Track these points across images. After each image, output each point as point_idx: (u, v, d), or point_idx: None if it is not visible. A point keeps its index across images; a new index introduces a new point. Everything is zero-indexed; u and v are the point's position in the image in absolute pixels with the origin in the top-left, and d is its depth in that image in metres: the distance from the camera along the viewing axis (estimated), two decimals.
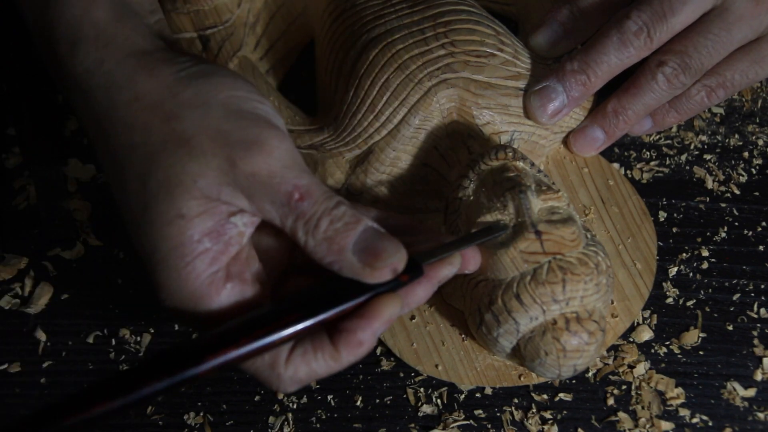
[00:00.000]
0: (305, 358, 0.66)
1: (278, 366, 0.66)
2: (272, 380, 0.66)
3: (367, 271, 0.65)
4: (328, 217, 0.65)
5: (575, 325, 0.73)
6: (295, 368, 0.66)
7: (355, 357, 0.66)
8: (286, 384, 0.66)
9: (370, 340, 0.66)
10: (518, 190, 0.75)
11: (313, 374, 0.66)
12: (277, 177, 0.65)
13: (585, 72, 0.82)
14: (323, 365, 0.66)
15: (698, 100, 0.85)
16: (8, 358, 0.85)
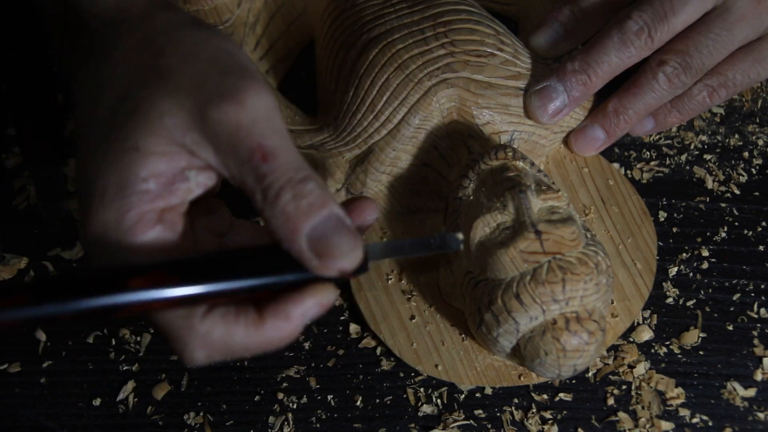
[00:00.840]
0: (225, 318, 0.61)
1: (194, 317, 0.61)
2: (182, 335, 0.61)
3: (314, 263, 0.60)
4: (292, 190, 0.60)
5: (575, 324, 0.73)
6: (211, 325, 0.61)
7: (279, 334, 0.61)
8: (195, 343, 0.61)
9: (297, 319, 0.61)
10: (518, 190, 0.75)
11: (228, 341, 0.61)
12: (243, 130, 0.60)
13: (586, 72, 0.82)
14: (242, 332, 0.61)
15: (700, 100, 0.85)
16: (8, 358, 0.85)
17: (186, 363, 0.62)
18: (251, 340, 0.61)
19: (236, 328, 0.61)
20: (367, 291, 0.84)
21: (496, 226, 0.75)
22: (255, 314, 0.61)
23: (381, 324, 0.83)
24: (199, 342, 0.61)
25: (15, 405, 0.83)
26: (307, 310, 0.61)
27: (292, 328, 0.61)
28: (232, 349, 0.61)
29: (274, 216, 0.60)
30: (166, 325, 0.62)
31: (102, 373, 0.84)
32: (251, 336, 0.61)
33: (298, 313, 0.61)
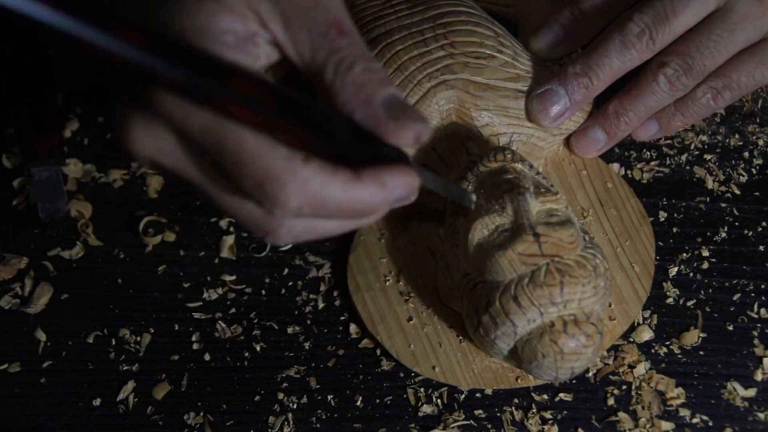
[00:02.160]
0: (324, 169, 0.59)
1: (295, 160, 0.58)
2: (281, 176, 0.58)
3: (391, 125, 0.59)
4: (364, 63, 0.60)
5: (573, 327, 0.73)
6: (312, 173, 0.58)
7: (371, 199, 0.60)
8: (293, 187, 0.58)
9: (390, 190, 0.60)
10: (516, 192, 0.75)
11: (325, 194, 0.59)
12: (321, 6, 0.61)
13: (587, 75, 0.82)
14: (339, 187, 0.59)
15: (704, 103, 0.84)
16: (8, 358, 0.85)
17: (277, 209, 0.59)
18: (346, 197, 0.59)
19: (334, 182, 0.59)
20: (364, 292, 0.84)
21: (495, 228, 0.75)
22: (351, 173, 0.59)
23: (378, 325, 0.83)
24: (298, 187, 0.58)
25: (15, 405, 0.83)
26: (398, 184, 0.61)
27: (384, 197, 0.60)
28: (326, 205, 0.59)
29: (345, 87, 0.60)
30: (264, 163, 0.58)
31: (102, 373, 0.84)
32: (347, 192, 0.59)
33: (392, 183, 0.60)
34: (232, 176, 0.59)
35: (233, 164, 0.58)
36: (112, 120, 0.97)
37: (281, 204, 0.59)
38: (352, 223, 0.64)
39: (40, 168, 0.91)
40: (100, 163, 0.94)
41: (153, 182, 0.92)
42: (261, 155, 0.58)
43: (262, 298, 0.87)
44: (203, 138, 0.59)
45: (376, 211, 0.62)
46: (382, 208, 0.62)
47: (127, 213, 0.91)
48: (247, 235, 0.89)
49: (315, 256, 0.88)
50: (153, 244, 0.90)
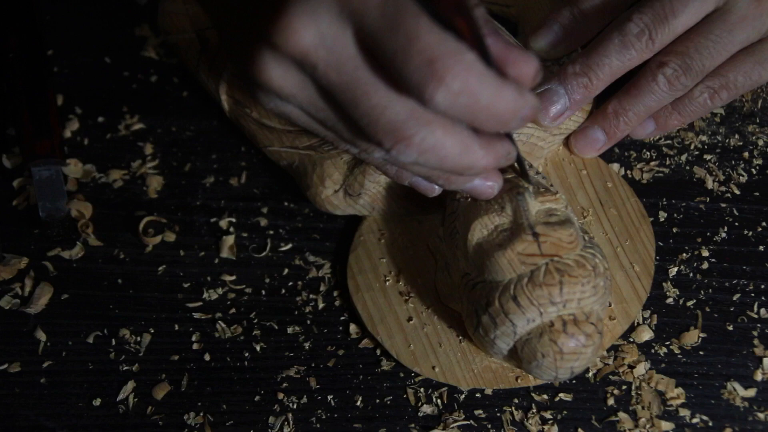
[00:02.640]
0: (481, 62, 0.61)
1: (462, 43, 0.61)
2: (450, 56, 0.60)
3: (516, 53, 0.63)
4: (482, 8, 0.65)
5: (572, 327, 0.73)
6: (475, 60, 0.61)
7: (512, 103, 0.62)
8: (458, 69, 0.60)
9: (527, 98, 0.63)
10: (516, 192, 0.75)
11: (481, 83, 0.61)
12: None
13: (587, 74, 0.82)
14: (492, 80, 0.61)
15: (701, 102, 0.85)
16: (8, 358, 0.85)
17: (440, 89, 0.61)
18: (495, 94, 0.62)
19: (489, 74, 0.61)
20: (364, 292, 0.84)
21: (494, 228, 0.75)
22: (499, 72, 0.62)
23: (378, 325, 0.83)
24: (464, 68, 0.61)
25: (15, 405, 0.83)
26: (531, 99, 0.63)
27: (520, 106, 0.63)
28: (478, 99, 0.61)
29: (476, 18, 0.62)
30: (438, 39, 0.61)
31: (102, 373, 0.84)
32: (497, 89, 0.62)
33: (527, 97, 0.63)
34: (401, 55, 0.61)
35: (406, 38, 0.60)
36: (112, 120, 0.97)
37: (446, 83, 0.61)
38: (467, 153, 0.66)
39: (40, 168, 0.91)
40: (100, 163, 0.94)
41: (153, 182, 0.93)
42: (434, 32, 0.60)
43: (262, 298, 0.87)
44: (382, 11, 0.61)
45: (511, 121, 0.63)
46: (513, 120, 0.63)
47: (127, 213, 0.92)
48: (247, 235, 0.90)
49: (315, 256, 0.88)
50: (153, 244, 0.90)
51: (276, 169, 0.91)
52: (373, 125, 0.64)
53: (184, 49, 0.92)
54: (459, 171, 0.67)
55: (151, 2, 1.02)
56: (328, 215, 0.89)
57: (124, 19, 1.03)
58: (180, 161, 0.94)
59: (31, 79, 0.95)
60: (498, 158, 0.68)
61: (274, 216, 0.91)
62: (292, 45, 0.63)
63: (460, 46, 0.61)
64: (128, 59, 1.01)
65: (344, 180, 0.84)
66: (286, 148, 0.87)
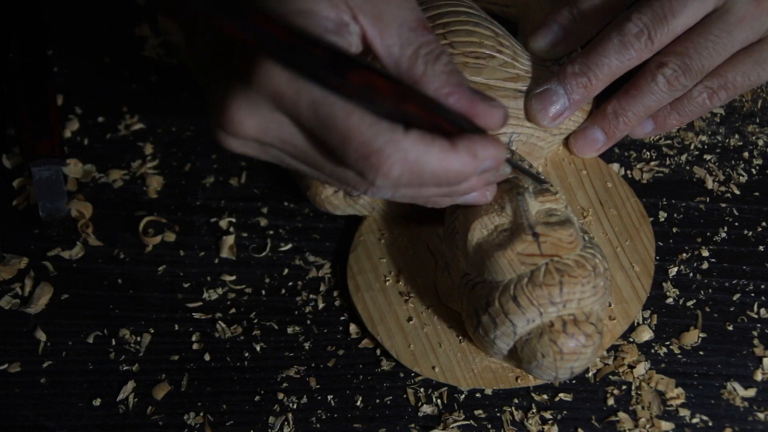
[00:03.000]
0: (423, 139, 0.63)
1: (397, 132, 0.63)
2: (385, 148, 0.63)
3: (482, 106, 0.65)
4: (447, 56, 0.66)
5: (572, 327, 0.73)
6: (411, 143, 0.63)
7: (464, 168, 0.64)
8: (396, 157, 0.63)
9: (481, 160, 0.65)
10: (516, 192, 0.75)
11: (423, 163, 0.63)
12: (409, 3, 0.66)
13: (586, 74, 0.82)
14: (436, 156, 0.64)
15: (700, 102, 0.85)
16: (8, 358, 0.85)
17: (379, 179, 0.64)
18: (441, 165, 0.64)
19: (431, 151, 0.64)
20: (364, 292, 0.84)
21: (494, 228, 0.75)
22: (447, 142, 0.64)
23: (378, 325, 0.83)
24: (399, 157, 0.63)
25: (15, 405, 0.83)
26: (488, 155, 0.65)
27: (474, 166, 0.65)
28: (422, 174, 0.64)
29: (438, 75, 0.65)
30: (370, 135, 0.62)
31: (102, 373, 0.84)
32: (442, 161, 0.64)
33: (483, 154, 0.65)
34: (338, 149, 0.63)
35: (340, 137, 0.63)
36: (112, 120, 0.97)
37: (384, 174, 0.64)
38: (442, 192, 0.69)
39: (40, 168, 0.91)
40: (100, 163, 0.94)
41: (153, 182, 0.93)
42: (367, 127, 0.62)
43: (262, 298, 0.87)
44: (312, 112, 0.63)
45: (466, 179, 0.66)
46: (471, 177, 0.66)
47: (127, 213, 0.91)
48: (247, 235, 0.90)
49: (315, 256, 0.88)
50: (153, 244, 0.90)
51: (276, 169, 0.91)
52: (343, 180, 0.67)
53: (184, 49, 0.92)
54: (442, 196, 0.70)
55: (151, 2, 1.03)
56: (328, 215, 0.89)
57: (124, 19, 1.03)
58: (180, 161, 0.94)
59: (31, 79, 0.95)
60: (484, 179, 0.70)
61: (274, 216, 0.91)
62: (242, 132, 0.65)
63: (394, 134, 0.63)
64: (128, 59, 1.01)
65: None
66: None
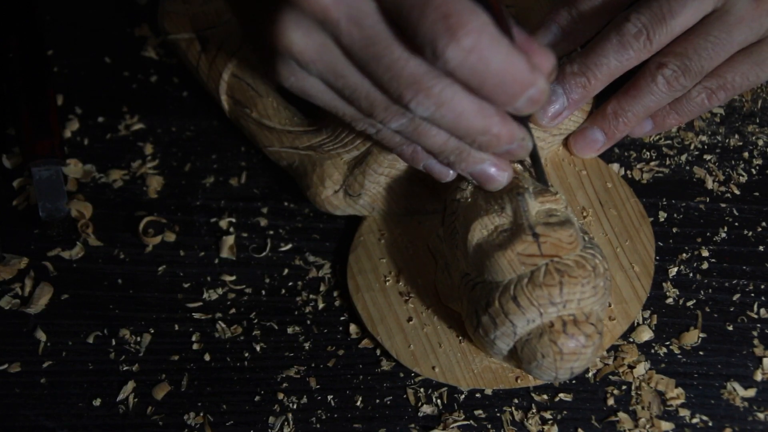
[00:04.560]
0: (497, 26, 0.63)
1: (478, 7, 0.62)
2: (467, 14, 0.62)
3: (536, 46, 0.67)
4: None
5: (572, 327, 0.73)
6: (491, 21, 0.62)
7: (521, 75, 0.64)
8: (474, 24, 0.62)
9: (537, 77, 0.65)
10: (516, 192, 0.75)
11: (493, 48, 0.63)
12: None
13: (585, 74, 0.82)
14: (505, 47, 0.63)
15: (699, 102, 0.85)
16: (8, 358, 0.85)
17: (451, 47, 0.62)
18: (506, 62, 0.63)
19: (503, 41, 0.63)
20: (364, 292, 0.84)
21: (494, 229, 0.75)
22: (515, 44, 0.64)
23: (378, 325, 0.83)
24: (477, 26, 0.62)
25: (15, 405, 0.83)
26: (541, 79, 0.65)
27: (531, 81, 0.64)
28: (489, 64, 0.63)
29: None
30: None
31: (102, 373, 0.84)
32: (508, 58, 0.63)
33: (541, 71, 0.65)
34: (418, 9, 0.62)
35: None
36: (112, 120, 0.97)
37: (458, 39, 0.62)
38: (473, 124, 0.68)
39: (40, 168, 0.91)
40: (100, 163, 0.94)
41: (153, 182, 0.93)
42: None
43: (262, 298, 0.87)
44: None
45: (516, 95, 0.65)
46: (520, 95, 0.65)
47: (127, 213, 0.92)
48: (247, 235, 0.90)
49: (315, 256, 0.88)
50: (153, 244, 0.90)
51: (276, 169, 0.91)
52: (396, 78, 0.66)
53: (184, 49, 0.92)
54: (473, 134, 0.69)
55: (151, 2, 1.03)
56: (328, 215, 0.89)
57: (124, 19, 1.03)
58: (180, 161, 0.94)
59: (31, 79, 0.95)
60: (513, 134, 0.69)
61: (274, 216, 0.91)
62: (313, 2, 0.64)
63: (476, 7, 0.62)
64: (128, 59, 1.01)
65: (344, 180, 0.84)
66: (286, 148, 0.87)
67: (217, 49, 0.89)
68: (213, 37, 0.90)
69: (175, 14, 0.92)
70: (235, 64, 0.89)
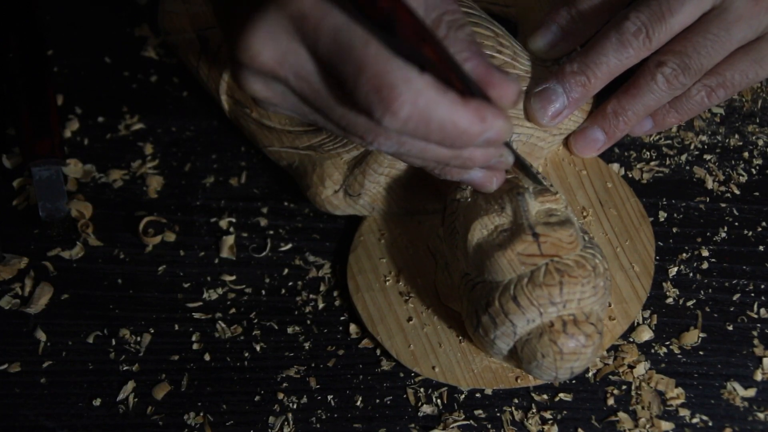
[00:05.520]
0: (436, 84, 0.62)
1: (413, 71, 0.62)
2: (398, 84, 0.62)
3: (497, 76, 0.65)
4: (470, 28, 0.66)
5: (572, 327, 0.73)
6: (425, 86, 0.62)
7: (470, 127, 0.63)
8: (407, 96, 0.62)
9: (490, 124, 0.63)
10: (516, 192, 0.75)
11: (432, 109, 0.62)
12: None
13: (585, 73, 0.82)
14: (447, 105, 0.62)
15: (698, 100, 0.85)
16: (8, 358, 0.85)
17: (387, 116, 0.63)
18: (449, 117, 0.63)
19: (442, 100, 0.62)
20: (364, 292, 0.84)
21: (494, 228, 0.75)
22: (458, 96, 0.63)
23: (378, 325, 0.83)
24: (411, 96, 0.62)
25: (15, 405, 0.83)
26: (495, 124, 0.64)
27: (480, 130, 0.63)
28: (429, 122, 0.63)
29: (459, 41, 0.65)
30: (385, 68, 0.62)
31: (102, 373, 0.84)
32: (451, 113, 0.63)
33: (491, 119, 0.63)
34: (351, 80, 0.62)
35: (356, 65, 0.62)
36: (112, 120, 0.97)
37: (393, 111, 0.62)
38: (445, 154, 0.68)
39: (40, 168, 0.91)
40: (100, 163, 0.94)
41: (153, 182, 0.93)
42: (383, 59, 0.61)
43: (262, 298, 0.87)
44: (332, 38, 0.62)
45: (470, 142, 0.64)
46: (475, 141, 0.64)
47: (127, 213, 0.92)
48: (247, 235, 0.90)
49: (315, 256, 0.88)
50: (153, 244, 0.90)
51: (276, 169, 0.91)
52: (351, 126, 0.66)
53: (184, 49, 0.92)
54: (444, 161, 0.69)
55: (151, 2, 1.03)
56: (328, 215, 0.89)
57: (124, 19, 1.03)
58: (180, 161, 0.94)
59: (31, 79, 0.95)
60: (486, 154, 0.69)
61: (274, 216, 0.91)
62: (257, 64, 0.65)
63: (409, 73, 0.62)
64: (128, 59, 1.01)
65: (344, 180, 0.84)
66: (286, 148, 0.87)
67: (217, 49, 0.89)
68: (213, 37, 0.90)
69: (175, 14, 0.92)
70: None
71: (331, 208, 0.86)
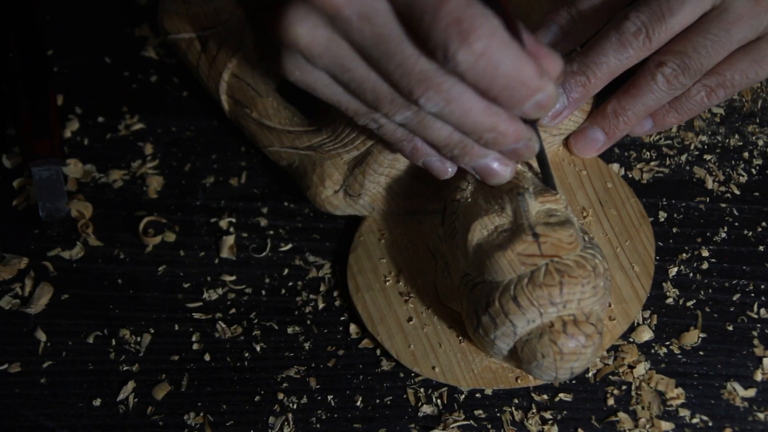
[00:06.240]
0: (507, 31, 0.64)
1: (490, 9, 0.64)
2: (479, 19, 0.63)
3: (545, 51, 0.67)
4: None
5: (572, 327, 0.73)
6: (501, 26, 0.63)
7: (530, 79, 0.65)
8: (484, 32, 0.63)
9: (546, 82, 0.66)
10: (516, 192, 0.75)
11: (503, 52, 0.64)
12: None
13: (584, 73, 0.82)
14: (515, 51, 0.64)
15: (698, 100, 0.85)
16: (8, 358, 0.85)
17: (464, 48, 0.63)
18: (515, 66, 0.64)
19: (512, 45, 0.64)
20: (364, 292, 0.84)
21: (494, 229, 0.75)
22: (524, 49, 0.65)
23: (378, 325, 0.83)
24: (488, 31, 0.63)
25: (15, 405, 0.83)
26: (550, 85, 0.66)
27: (537, 86, 0.65)
28: (498, 64, 0.64)
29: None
30: (468, 2, 0.63)
31: (102, 373, 0.84)
32: (517, 62, 0.64)
33: (552, 73, 0.67)
34: (430, 13, 0.63)
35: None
36: (112, 120, 0.97)
37: (470, 43, 0.63)
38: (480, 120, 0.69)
39: (40, 168, 0.91)
40: (100, 163, 0.94)
41: (153, 182, 0.93)
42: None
43: (262, 299, 0.87)
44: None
45: (523, 99, 0.66)
46: (528, 99, 0.66)
47: (127, 213, 0.92)
48: (247, 235, 0.90)
49: (315, 256, 0.88)
50: (153, 244, 0.90)
51: (276, 169, 0.91)
52: (406, 75, 0.67)
53: (184, 49, 0.92)
54: (480, 131, 0.70)
55: (151, 2, 1.03)
56: (328, 215, 0.89)
57: (124, 19, 1.03)
58: (180, 161, 0.94)
59: (31, 79, 0.95)
60: (520, 133, 0.70)
61: (274, 216, 0.91)
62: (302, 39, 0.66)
63: (487, 12, 0.63)
64: (128, 59, 1.01)
65: (344, 180, 0.84)
66: (286, 148, 0.87)
67: (217, 49, 0.89)
68: (213, 37, 0.90)
69: (175, 14, 0.92)
70: (235, 64, 0.89)
71: (331, 208, 0.86)
